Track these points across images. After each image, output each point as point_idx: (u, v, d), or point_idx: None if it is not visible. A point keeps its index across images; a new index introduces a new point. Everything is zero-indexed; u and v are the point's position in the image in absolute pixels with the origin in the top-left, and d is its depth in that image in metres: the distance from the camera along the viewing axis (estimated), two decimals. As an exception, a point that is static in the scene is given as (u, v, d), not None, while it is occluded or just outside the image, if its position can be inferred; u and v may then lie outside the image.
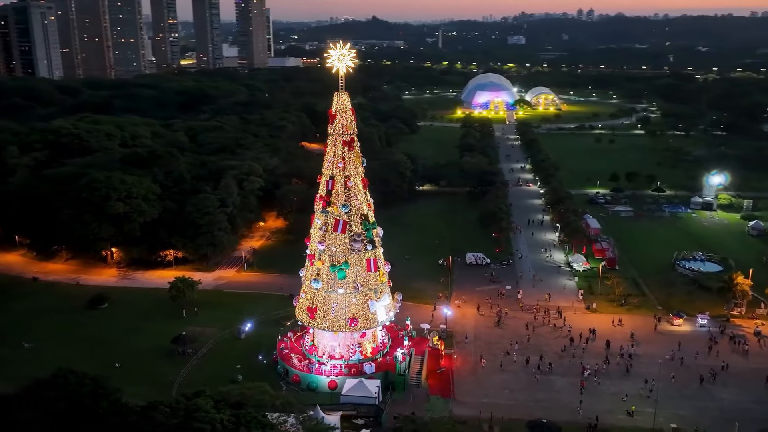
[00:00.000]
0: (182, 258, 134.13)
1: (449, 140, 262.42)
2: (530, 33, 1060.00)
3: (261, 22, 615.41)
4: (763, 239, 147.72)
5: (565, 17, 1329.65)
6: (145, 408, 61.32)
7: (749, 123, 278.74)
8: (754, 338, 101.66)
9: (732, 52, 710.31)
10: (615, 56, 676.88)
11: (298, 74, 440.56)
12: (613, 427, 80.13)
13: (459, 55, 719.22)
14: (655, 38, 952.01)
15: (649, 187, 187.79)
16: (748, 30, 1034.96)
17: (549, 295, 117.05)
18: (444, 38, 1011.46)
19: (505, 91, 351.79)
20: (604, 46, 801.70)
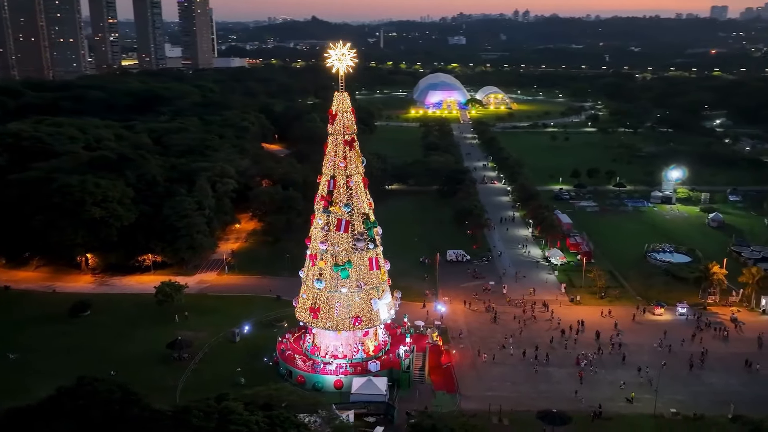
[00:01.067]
0: (160, 262, 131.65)
1: (408, 139, 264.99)
2: (469, 33, 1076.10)
3: (205, 21, 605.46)
4: (723, 230, 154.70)
5: (502, 18, 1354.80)
6: (177, 412, 60.51)
7: (691, 120, 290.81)
8: (731, 324, 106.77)
9: (662, 52, 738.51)
10: (554, 56, 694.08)
11: (246, 75, 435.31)
12: (616, 414, 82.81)
13: (402, 56, 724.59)
14: (589, 39, 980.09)
15: (609, 182, 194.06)
16: (674, 31, 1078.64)
17: (533, 290, 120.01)
18: (385, 38, 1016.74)
19: (456, 91, 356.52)
20: (542, 46, 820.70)
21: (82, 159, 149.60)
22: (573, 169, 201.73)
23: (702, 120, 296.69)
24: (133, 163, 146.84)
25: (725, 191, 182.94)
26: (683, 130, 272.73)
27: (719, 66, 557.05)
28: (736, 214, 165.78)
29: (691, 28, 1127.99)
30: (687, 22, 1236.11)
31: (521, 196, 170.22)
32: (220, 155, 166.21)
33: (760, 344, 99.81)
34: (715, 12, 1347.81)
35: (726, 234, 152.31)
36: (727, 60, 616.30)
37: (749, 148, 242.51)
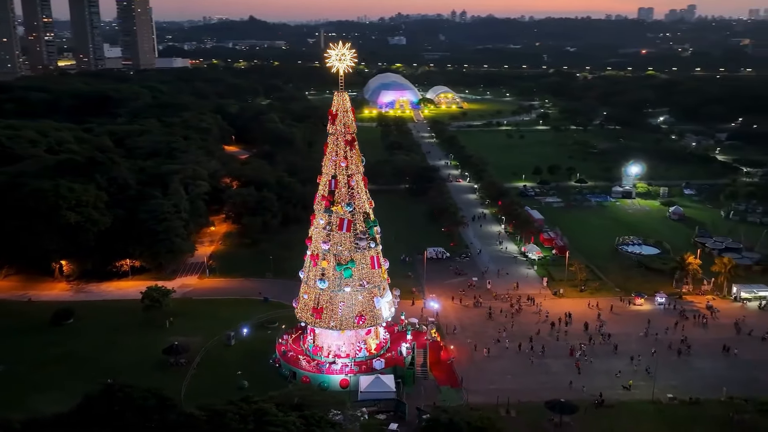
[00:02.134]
0: (139, 267, 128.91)
1: (367, 139, 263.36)
2: (408, 33, 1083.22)
3: (146, 21, 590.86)
4: (684, 223, 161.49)
5: (440, 18, 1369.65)
6: (212, 416, 59.94)
7: (636, 117, 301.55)
8: (707, 312, 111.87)
9: (597, 52, 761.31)
10: (494, 56, 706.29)
11: (191, 75, 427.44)
12: (617, 401, 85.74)
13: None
14: (525, 39, 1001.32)
15: (570, 179, 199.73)
16: (606, 32, 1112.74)
17: (517, 284, 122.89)
18: (325, 38, 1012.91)
19: (408, 90, 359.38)
20: (481, 46, 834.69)
21: (48, 162, 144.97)
22: (533, 166, 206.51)
23: (646, 117, 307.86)
24: (102, 166, 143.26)
25: (680, 185, 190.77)
26: (630, 127, 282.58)
27: (652, 65, 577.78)
28: (693, 207, 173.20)
29: (620, 28, 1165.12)
30: (616, 23, 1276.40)
31: (490, 194, 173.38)
32: (189, 157, 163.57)
33: (738, 330, 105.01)
34: (642, 13, 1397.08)
35: (687, 226, 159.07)
36: (658, 60, 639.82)
37: (695, 144, 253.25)
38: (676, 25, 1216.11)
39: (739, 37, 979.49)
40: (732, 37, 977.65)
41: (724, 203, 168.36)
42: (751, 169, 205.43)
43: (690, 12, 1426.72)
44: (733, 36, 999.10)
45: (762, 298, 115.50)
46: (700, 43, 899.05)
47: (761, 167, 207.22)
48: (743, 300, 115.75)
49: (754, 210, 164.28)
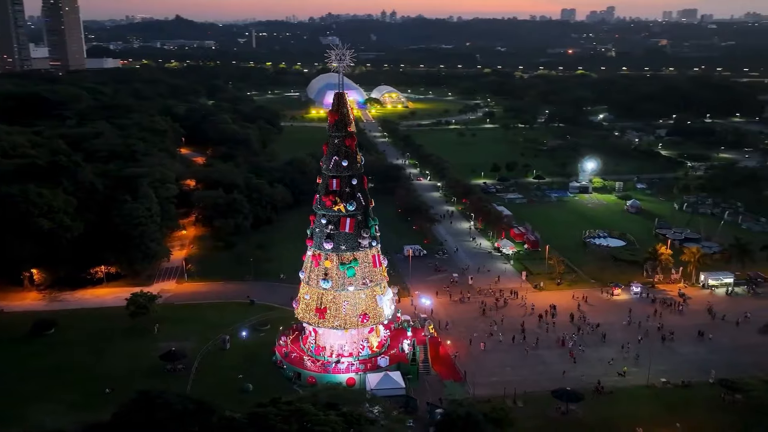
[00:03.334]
0: (114, 274, 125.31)
1: (320, 139, 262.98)
2: (340, 33, 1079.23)
3: (74, 20, 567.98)
4: (641, 216, 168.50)
5: (370, 18, 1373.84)
6: (254, 419, 59.46)
7: (578, 115, 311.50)
8: (680, 299, 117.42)
9: (526, 51, 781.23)
10: (429, 56, 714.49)
11: (127, 76, 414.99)
12: (614, 388, 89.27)
13: (279, 56, 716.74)
14: (456, 39, 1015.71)
15: (526, 175, 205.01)
16: (532, 32, 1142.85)
17: (498, 278, 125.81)
18: (256, 38, 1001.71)
19: (354, 90, 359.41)
20: (415, 46, 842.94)
21: (6, 167, 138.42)
22: (491, 163, 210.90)
23: (587, 115, 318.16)
24: (66, 170, 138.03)
25: (631, 180, 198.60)
26: (573, 124, 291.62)
27: (581, 65, 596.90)
28: (647, 200, 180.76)
29: (546, 29, 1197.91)
30: (541, 24, 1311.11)
31: (456, 192, 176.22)
32: (152, 160, 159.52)
33: (713, 316, 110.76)
34: (565, 14, 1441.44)
35: (644, 219, 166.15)
36: (585, 59, 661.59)
37: (638, 140, 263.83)
38: (597, 26, 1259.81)
39: (656, 37, 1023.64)
40: (650, 38, 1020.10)
41: (677, 196, 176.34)
42: (695, 164, 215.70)
43: (609, 13, 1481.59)
44: (652, 36, 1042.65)
45: (728, 284, 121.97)
46: (621, 43, 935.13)
47: (704, 161, 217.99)
48: (711, 287, 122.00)
49: (704, 202, 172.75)
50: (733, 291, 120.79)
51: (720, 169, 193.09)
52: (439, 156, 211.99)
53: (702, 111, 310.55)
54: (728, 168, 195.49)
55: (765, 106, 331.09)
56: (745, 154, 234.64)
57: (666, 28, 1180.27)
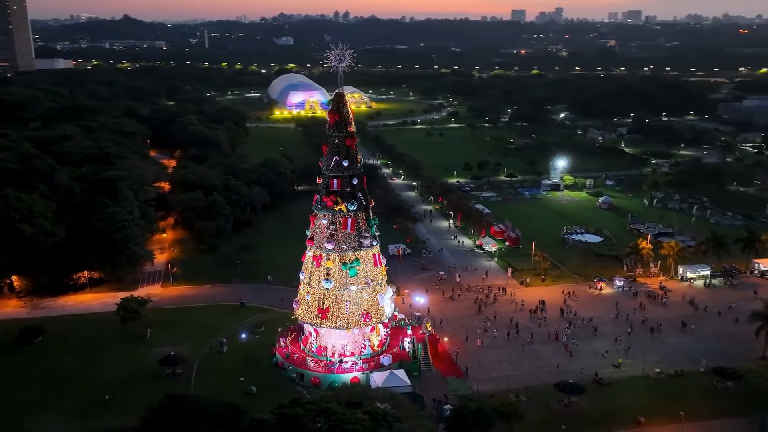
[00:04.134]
0: (97, 279, 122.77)
1: (288, 140, 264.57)
2: (294, 34, 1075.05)
3: (22, 19, 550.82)
4: (614, 212, 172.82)
5: (323, 19, 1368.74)
6: (284, 420, 59.37)
7: (540, 114, 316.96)
8: (662, 292, 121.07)
9: (480, 52, 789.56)
10: (385, 56, 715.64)
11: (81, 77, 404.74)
12: (611, 379, 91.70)
13: (234, 56, 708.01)
14: (409, 39, 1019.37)
15: (498, 173, 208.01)
16: (484, 32, 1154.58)
17: (486, 274, 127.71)
18: (209, 38, 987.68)
19: (317, 91, 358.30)
20: (370, 47, 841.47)
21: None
22: (461, 162, 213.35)
23: (549, 114, 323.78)
24: (42, 174, 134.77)
25: (600, 177, 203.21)
26: (536, 123, 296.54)
27: (536, 65, 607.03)
28: (617, 197, 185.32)
29: (497, 30, 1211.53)
30: (492, 25, 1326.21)
31: (433, 191, 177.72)
32: (128, 162, 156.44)
33: (696, 307, 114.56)
34: (515, 15, 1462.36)
35: (616, 215, 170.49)
36: (539, 60, 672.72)
37: (601, 138, 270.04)
38: (547, 27, 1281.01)
39: (604, 38, 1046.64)
40: (599, 39, 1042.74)
41: (646, 192, 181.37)
42: (659, 161, 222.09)
43: (558, 14, 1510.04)
44: (600, 37, 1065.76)
45: (705, 276, 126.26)
46: (570, 43, 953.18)
47: (666, 158, 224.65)
48: (689, 279, 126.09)
49: (672, 198, 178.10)
50: (710, 283, 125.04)
51: (686, 166, 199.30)
52: (412, 155, 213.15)
53: (658, 110, 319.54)
54: (694, 165, 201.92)
55: (717, 105, 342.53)
56: (704, 151, 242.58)
57: (613, 29, 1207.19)
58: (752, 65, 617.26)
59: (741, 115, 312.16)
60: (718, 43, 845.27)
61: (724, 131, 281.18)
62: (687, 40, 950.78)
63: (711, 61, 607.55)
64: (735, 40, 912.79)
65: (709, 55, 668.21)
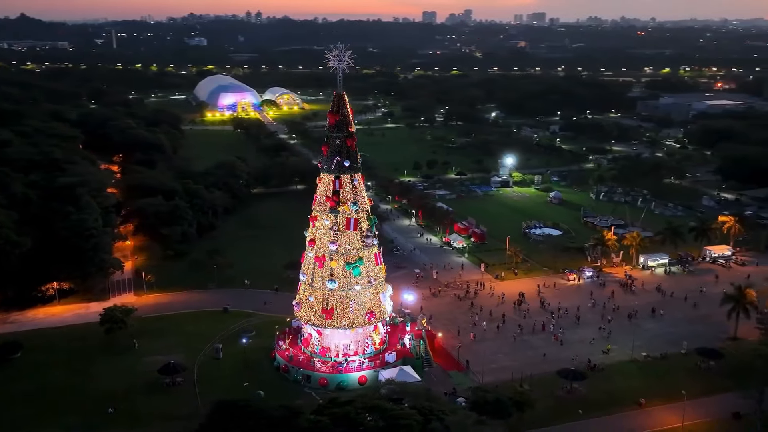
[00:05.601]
0: (67, 290, 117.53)
1: (227, 143, 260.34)
2: (206, 34, 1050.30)
3: None
4: (564, 206, 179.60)
5: (235, 19, 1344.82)
6: (335, 418, 59.44)
7: (472, 113, 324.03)
8: (628, 280, 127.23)
9: (397, 52, 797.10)
10: (304, 57, 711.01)
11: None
12: (603, 364, 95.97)
13: (147, 58, 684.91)
14: (325, 40, 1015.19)
15: (446, 172, 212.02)
16: (398, 33, 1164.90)
17: (462, 267, 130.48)
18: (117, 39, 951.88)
19: (248, 93, 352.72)
20: (287, 47, 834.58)
21: None
22: (408, 161, 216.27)
23: (481, 113, 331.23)
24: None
25: (544, 173, 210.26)
26: (471, 122, 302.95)
27: (454, 66, 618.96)
28: (564, 191, 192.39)
29: (410, 31, 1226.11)
30: (405, 26, 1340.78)
31: (391, 190, 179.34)
32: (79, 168, 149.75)
33: (663, 294, 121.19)
34: (426, 17, 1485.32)
35: (567, 209, 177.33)
36: (456, 60, 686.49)
37: (536, 136, 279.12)
38: (458, 28, 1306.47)
39: (514, 39, 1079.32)
40: (509, 40, 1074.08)
41: (592, 186, 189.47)
42: (596, 156, 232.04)
43: (467, 16, 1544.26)
44: (510, 39, 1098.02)
45: (664, 264, 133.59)
46: (482, 45, 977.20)
47: (603, 154, 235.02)
48: (650, 268, 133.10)
49: (615, 191, 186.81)
50: (670, 270, 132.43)
51: (628, 161, 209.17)
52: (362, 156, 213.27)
53: (582, 108, 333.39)
54: (635, 160, 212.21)
55: (635, 103, 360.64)
56: (633, 147, 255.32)
57: (521, 31, 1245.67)
58: (654, 65, 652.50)
59: (658, 113, 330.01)
60: (620, 45, 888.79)
61: (646, 128, 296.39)
62: (590, 41, 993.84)
63: (617, 62, 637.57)
64: (634, 42, 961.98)
65: (613, 55, 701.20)
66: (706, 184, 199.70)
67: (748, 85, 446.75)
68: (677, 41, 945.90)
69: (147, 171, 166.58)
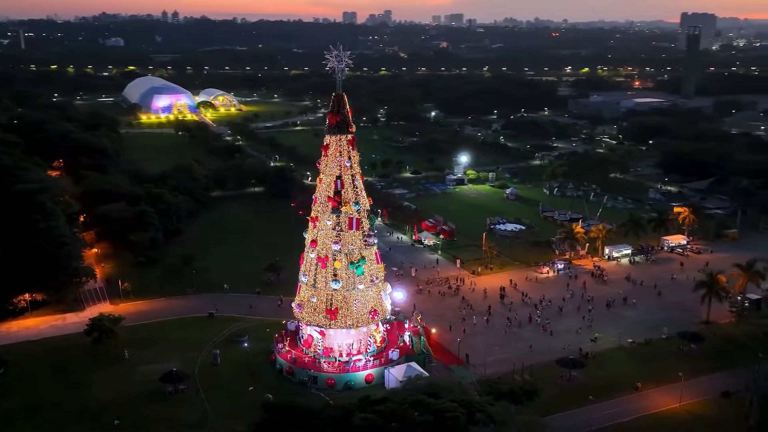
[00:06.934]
0: (39, 302, 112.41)
1: (169, 146, 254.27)
2: (122, 34, 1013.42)
3: None
4: (520, 202, 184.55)
5: (151, 19, 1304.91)
6: (383, 415, 59.91)
7: (413, 112, 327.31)
8: (598, 271, 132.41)
9: (321, 53, 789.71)
10: (229, 57, 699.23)
11: None
12: (594, 352, 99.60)
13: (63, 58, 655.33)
14: (246, 40, 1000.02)
15: (401, 171, 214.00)
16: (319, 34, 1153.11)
17: (438, 264, 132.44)
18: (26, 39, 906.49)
19: (183, 94, 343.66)
20: (210, 48, 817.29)
21: None
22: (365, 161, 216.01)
23: (421, 113, 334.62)
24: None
25: (493, 170, 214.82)
26: (412, 122, 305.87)
27: (381, 66, 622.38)
28: (518, 188, 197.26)
29: (332, 31, 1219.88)
30: (326, 26, 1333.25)
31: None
32: (32, 175, 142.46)
33: (634, 283, 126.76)
34: (347, 17, 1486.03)
35: (524, 204, 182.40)
36: (382, 60, 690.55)
37: (480, 134, 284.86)
38: (380, 29, 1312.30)
39: (435, 40, 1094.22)
40: (431, 41, 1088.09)
41: (545, 182, 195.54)
42: (543, 153, 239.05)
43: (387, 17, 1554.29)
44: (432, 39, 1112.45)
45: (628, 255, 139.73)
46: (405, 45, 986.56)
47: (547, 151, 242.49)
48: (616, 259, 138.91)
49: (567, 186, 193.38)
50: (634, 260, 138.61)
51: (578, 157, 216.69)
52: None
53: (517, 107, 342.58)
54: (584, 155, 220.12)
55: (567, 101, 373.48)
56: (573, 144, 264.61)
57: (442, 31, 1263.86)
58: (573, 65, 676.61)
59: (589, 110, 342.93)
60: (537, 45, 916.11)
61: (581, 125, 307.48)
62: (508, 42, 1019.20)
63: (538, 62, 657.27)
64: (549, 42, 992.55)
65: (532, 55, 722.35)
66: (648, 178, 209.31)
67: (666, 83, 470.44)
68: (590, 42, 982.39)
69: (103, 176, 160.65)
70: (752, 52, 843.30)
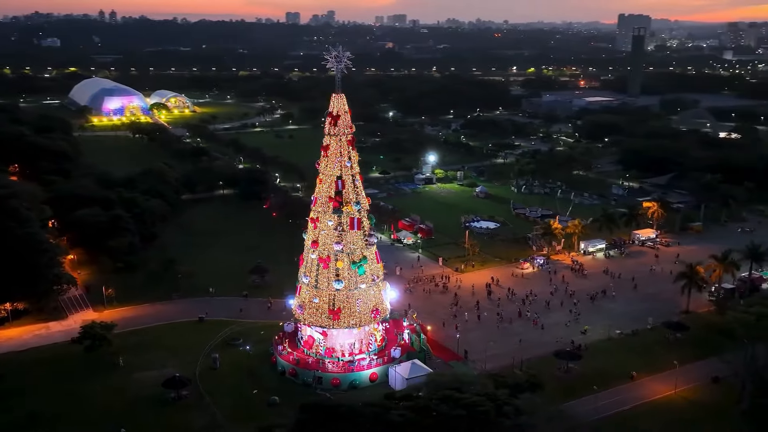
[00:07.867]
0: (20, 310, 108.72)
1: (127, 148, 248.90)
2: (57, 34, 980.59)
3: None
4: (490, 200, 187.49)
5: (87, 18, 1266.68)
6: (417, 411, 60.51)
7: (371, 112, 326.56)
8: (576, 266, 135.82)
9: (268, 53, 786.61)
10: (172, 58, 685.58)
11: None
12: (585, 344, 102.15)
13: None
14: (188, 41, 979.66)
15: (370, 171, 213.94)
16: (264, 34, 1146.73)
17: (419, 259, 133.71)
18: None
19: (135, 96, 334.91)
20: (153, 49, 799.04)
21: None
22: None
23: (379, 113, 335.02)
24: None
25: (458, 169, 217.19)
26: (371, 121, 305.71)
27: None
28: (486, 186, 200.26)
29: (276, 32, 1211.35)
30: (270, 27, 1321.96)
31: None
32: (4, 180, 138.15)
33: (612, 276, 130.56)
34: (290, 18, 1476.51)
35: (493, 202, 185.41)
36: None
37: (441, 134, 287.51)
38: (324, 29, 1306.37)
39: (381, 41, 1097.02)
40: (377, 41, 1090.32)
41: (512, 180, 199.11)
42: (507, 151, 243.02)
43: (330, 17, 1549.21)
44: (377, 40, 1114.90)
45: (602, 249, 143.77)
46: (351, 45, 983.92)
47: (510, 149, 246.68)
48: (591, 253, 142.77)
49: (533, 183, 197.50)
50: (609, 254, 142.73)
51: (544, 155, 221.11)
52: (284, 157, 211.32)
53: (472, 106, 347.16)
54: (549, 153, 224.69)
55: (520, 101, 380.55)
56: (532, 142, 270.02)
57: (387, 32, 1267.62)
58: (518, 65, 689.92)
59: (542, 109, 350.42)
60: (480, 45, 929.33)
61: (536, 124, 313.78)
62: (452, 42, 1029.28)
63: (485, 62, 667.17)
64: (492, 43, 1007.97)
65: (478, 55, 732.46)
66: (609, 175, 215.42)
67: (612, 82, 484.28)
68: (531, 42, 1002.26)
69: (69, 181, 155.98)
70: (685, 52, 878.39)
